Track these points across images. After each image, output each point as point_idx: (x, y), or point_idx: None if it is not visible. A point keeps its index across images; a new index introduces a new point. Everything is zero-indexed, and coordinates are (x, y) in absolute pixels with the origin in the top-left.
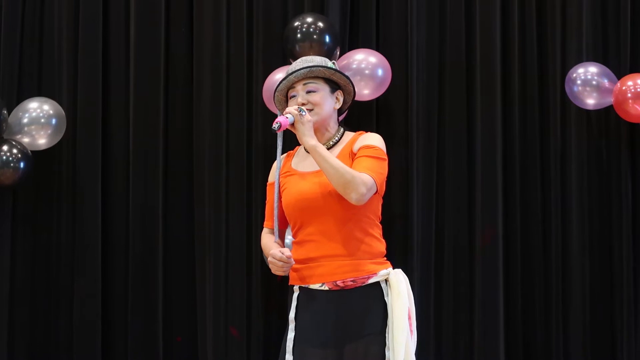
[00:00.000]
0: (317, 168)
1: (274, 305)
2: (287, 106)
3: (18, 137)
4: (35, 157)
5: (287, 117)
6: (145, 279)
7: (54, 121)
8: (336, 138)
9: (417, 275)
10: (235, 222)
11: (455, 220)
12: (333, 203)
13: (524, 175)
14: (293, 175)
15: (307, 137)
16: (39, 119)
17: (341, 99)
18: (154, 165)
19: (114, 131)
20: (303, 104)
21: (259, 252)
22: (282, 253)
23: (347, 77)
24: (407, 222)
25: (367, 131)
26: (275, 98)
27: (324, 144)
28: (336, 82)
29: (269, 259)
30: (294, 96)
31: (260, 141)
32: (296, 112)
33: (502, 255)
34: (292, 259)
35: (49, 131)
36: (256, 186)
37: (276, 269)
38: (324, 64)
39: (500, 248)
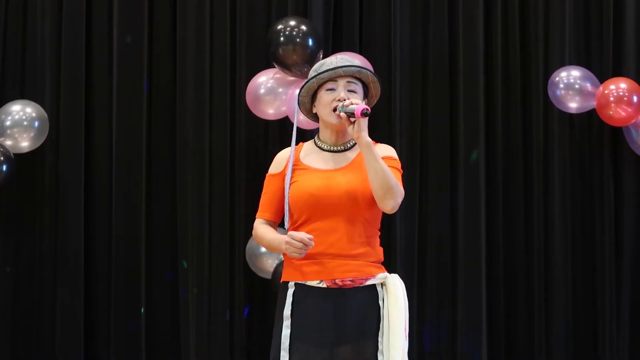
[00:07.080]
0: (332, 167)
1: (257, 303)
2: (311, 97)
3: (0, 139)
4: (17, 160)
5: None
6: (128, 281)
7: (36, 124)
8: (353, 141)
9: (399, 275)
10: (218, 223)
11: (438, 221)
12: (346, 204)
13: (506, 178)
14: (305, 169)
15: (365, 133)
16: (21, 122)
17: None
18: (137, 168)
19: (96, 134)
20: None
21: (242, 252)
22: (303, 235)
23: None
24: (390, 223)
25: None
26: (309, 84)
27: (343, 144)
28: (367, 92)
29: (287, 239)
30: (331, 89)
31: (243, 143)
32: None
33: (485, 257)
34: (313, 241)
35: (32, 134)
36: (239, 187)
37: (292, 251)
38: (370, 69)
39: (483, 249)
